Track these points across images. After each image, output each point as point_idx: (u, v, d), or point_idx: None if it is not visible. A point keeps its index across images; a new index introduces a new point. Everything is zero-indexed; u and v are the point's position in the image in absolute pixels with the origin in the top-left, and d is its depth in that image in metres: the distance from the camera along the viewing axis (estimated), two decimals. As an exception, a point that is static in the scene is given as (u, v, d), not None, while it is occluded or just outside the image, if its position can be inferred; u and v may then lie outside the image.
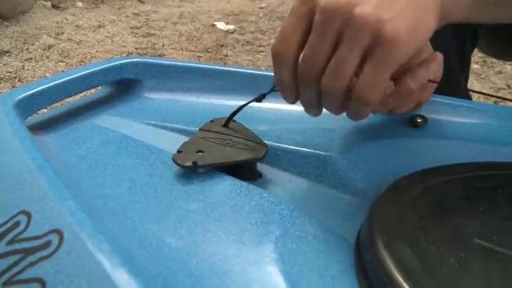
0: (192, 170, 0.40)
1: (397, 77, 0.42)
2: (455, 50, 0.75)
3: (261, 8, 2.06)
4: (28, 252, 0.29)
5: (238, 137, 0.44)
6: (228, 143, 0.43)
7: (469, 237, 0.33)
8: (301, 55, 0.36)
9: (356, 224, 0.37)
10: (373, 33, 0.34)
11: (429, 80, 0.44)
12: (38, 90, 0.49)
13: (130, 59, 0.58)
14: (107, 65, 0.56)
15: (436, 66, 0.44)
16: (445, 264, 0.30)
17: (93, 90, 0.59)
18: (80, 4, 1.84)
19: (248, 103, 0.45)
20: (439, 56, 0.45)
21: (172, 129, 0.50)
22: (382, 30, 0.33)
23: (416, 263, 0.30)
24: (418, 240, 0.32)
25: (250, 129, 0.46)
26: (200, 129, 0.45)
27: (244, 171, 0.42)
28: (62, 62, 1.35)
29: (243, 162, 0.41)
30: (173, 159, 0.40)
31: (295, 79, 0.37)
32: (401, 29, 0.33)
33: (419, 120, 0.51)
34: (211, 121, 0.47)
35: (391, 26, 0.33)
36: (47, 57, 1.37)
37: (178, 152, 0.41)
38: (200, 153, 0.41)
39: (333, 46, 0.35)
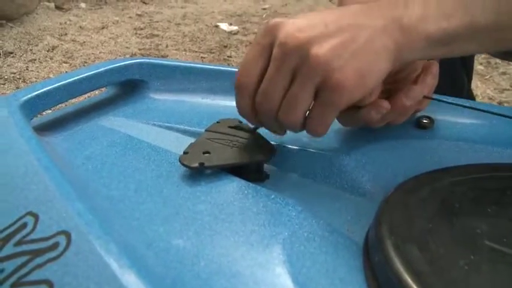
0: (199, 171, 0.40)
1: (392, 95, 0.43)
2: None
3: (264, 9, 2.06)
4: (36, 253, 0.29)
5: (244, 138, 0.44)
6: (234, 144, 0.43)
7: (478, 239, 0.33)
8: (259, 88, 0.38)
9: (364, 225, 0.37)
10: (322, 76, 0.35)
11: (425, 96, 0.45)
12: (44, 91, 0.49)
13: (135, 59, 0.58)
14: (112, 66, 0.56)
15: (431, 79, 0.46)
16: (455, 266, 0.30)
17: (97, 91, 0.59)
18: (83, 5, 1.85)
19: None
20: (435, 68, 0.46)
21: (178, 130, 0.49)
22: (330, 76, 0.35)
23: (425, 265, 0.30)
24: (426, 241, 0.32)
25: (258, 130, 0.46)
26: (206, 130, 0.45)
27: (251, 172, 0.42)
28: (66, 63, 1.35)
29: (250, 163, 0.41)
30: (180, 161, 0.40)
31: (253, 107, 0.39)
32: (349, 76, 0.35)
33: (425, 121, 0.51)
34: (217, 122, 0.46)
35: (339, 73, 0.35)
36: (51, 58, 1.37)
37: (185, 153, 0.41)
38: (207, 155, 0.41)
39: (289, 81, 0.37)
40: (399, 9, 0.37)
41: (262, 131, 0.45)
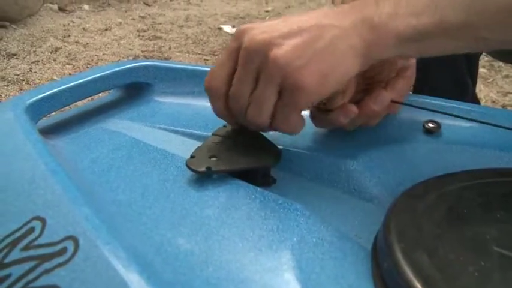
0: (206, 175, 0.40)
1: (359, 100, 0.44)
2: (463, 54, 0.75)
3: (267, 11, 2.06)
4: (43, 258, 0.29)
5: (250, 142, 0.43)
6: (241, 148, 0.42)
7: (487, 245, 0.33)
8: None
9: (371, 231, 0.37)
10: (282, 77, 0.36)
11: (392, 101, 0.45)
12: (49, 94, 0.49)
13: (141, 62, 0.58)
14: (118, 69, 0.56)
15: (403, 84, 0.46)
16: (465, 273, 0.30)
17: (102, 94, 0.59)
18: (86, 7, 1.85)
19: None
20: (409, 72, 0.47)
21: (184, 134, 0.49)
22: (288, 76, 0.36)
23: (435, 271, 0.30)
24: (436, 248, 0.32)
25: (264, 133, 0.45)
26: (213, 134, 0.45)
27: (259, 176, 0.41)
28: (69, 64, 1.35)
29: (257, 167, 0.41)
30: (186, 165, 0.39)
31: (226, 108, 0.41)
32: (309, 77, 0.36)
33: (432, 125, 0.50)
34: (224, 126, 0.46)
35: (298, 73, 0.36)
36: (54, 60, 1.37)
37: (192, 157, 0.40)
38: (214, 159, 0.40)
39: (254, 83, 0.38)
40: (370, 8, 0.37)
41: (269, 134, 0.45)
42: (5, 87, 1.19)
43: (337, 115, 0.42)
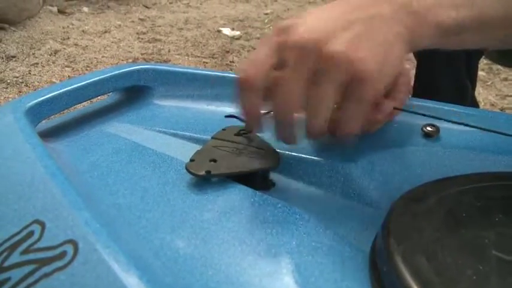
0: (205, 179, 0.40)
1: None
2: (463, 58, 0.75)
3: (266, 14, 2.07)
4: (43, 262, 0.29)
5: (251, 146, 0.44)
6: (241, 152, 0.43)
7: (486, 249, 0.33)
8: (275, 90, 0.37)
9: (370, 234, 0.37)
10: (346, 72, 0.35)
11: (395, 108, 0.46)
12: (49, 97, 0.49)
13: (140, 65, 0.58)
14: (117, 72, 0.56)
15: (403, 93, 0.47)
16: (463, 277, 0.30)
17: (102, 96, 0.59)
18: (85, 9, 1.85)
19: None
20: (408, 76, 0.48)
21: (183, 137, 0.49)
22: (353, 69, 0.35)
23: (434, 275, 0.30)
24: (435, 251, 0.32)
25: (263, 137, 0.46)
26: (212, 138, 0.45)
27: (258, 180, 0.41)
28: (68, 67, 1.35)
29: (257, 171, 0.41)
30: (186, 168, 0.39)
31: (260, 107, 0.39)
32: (372, 66, 0.35)
33: (431, 129, 0.51)
34: (223, 129, 0.46)
35: (361, 65, 0.35)
36: (53, 62, 1.37)
37: (191, 160, 0.41)
38: (213, 162, 0.40)
39: (307, 81, 0.36)
40: None
41: (268, 138, 0.45)
42: (4, 90, 1.19)
43: (376, 112, 0.41)
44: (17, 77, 1.26)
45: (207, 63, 1.46)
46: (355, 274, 0.33)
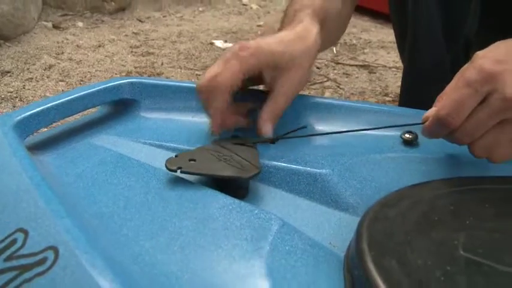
0: (191, 187, 0.41)
1: None
2: (449, 64, 0.77)
3: (259, 25, 2.09)
4: (24, 268, 0.30)
5: (237, 155, 0.45)
6: (225, 159, 0.44)
7: (455, 250, 0.34)
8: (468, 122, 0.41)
9: (346, 239, 0.38)
10: None
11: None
12: (37, 111, 0.50)
13: (127, 79, 0.59)
14: (104, 86, 0.57)
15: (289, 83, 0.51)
16: (432, 278, 0.31)
17: (93, 109, 0.60)
18: (80, 24, 1.87)
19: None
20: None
21: (168, 148, 0.51)
22: None
23: (403, 277, 0.31)
24: (405, 254, 0.33)
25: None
26: (212, 142, 0.48)
27: (236, 188, 0.43)
28: (62, 81, 1.37)
29: (226, 178, 0.42)
30: (165, 162, 0.42)
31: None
32: None
33: (409, 136, 0.52)
34: (232, 136, 0.50)
35: None
36: (48, 77, 1.39)
37: (176, 156, 0.43)
38: (192, 162, 0.42)
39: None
40: None
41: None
42: (-1, 105, 1.20)
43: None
44: (11, 92, 1.27)
45: (199, 75, 1.47)
46: (328, 278, 0.34)
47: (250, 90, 0.56)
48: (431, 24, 0.74)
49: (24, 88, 1.30)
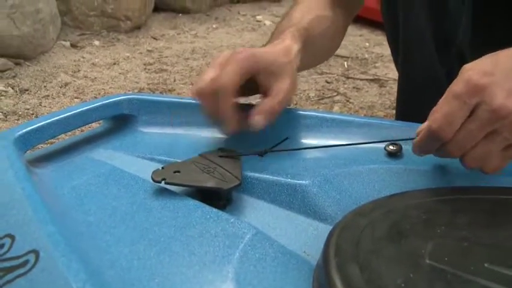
0: (175, 197, 0.44)
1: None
2: (444, 76, 0.78)
3: (272, 42, 2.13)
4: (8, 270, 0.33)
5: (221, 167, 0.47)
6: (209, 171, 0.46)
7: (420, 258, 0.35)
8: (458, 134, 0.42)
9: (320, 248, 0.39)
10: None
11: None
12: (37, 126, 0.53)
13: (125, 95, 0.62)
14: (104, 102, 0.60)
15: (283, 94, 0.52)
16: (392, 285, 0.32)
17: (95, 125, 0.64)
18: (96, 43, 1.93)
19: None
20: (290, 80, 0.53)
21: (159, 161, 0.53)
22: None
23: (364, 284, 0.32)
24: (369, 262, 0.34)
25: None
26: (199, 155, 0.50)
27: (215, 198, 0.45)
28: (77, 98, 1.42)
29: (207, 188, 0.44)
30: (152, 174, 0.44)
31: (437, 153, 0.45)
32: None
33: (393, 148, 0.53)
34: (218, 149, 0.51)
35: None
36: (63, 94, 1.44)
37: (162, 168, 0.45)
38: (176, 173, 0.44)
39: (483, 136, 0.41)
40: None
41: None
42: (16, 121, 1.25)
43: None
44: (28, 109, 1.32)
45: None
46: (297, 285, 0.35)
47: (242, 105, 0.58)
48: (422, 36, 0.75)
49: (40, 105, 1.35)
